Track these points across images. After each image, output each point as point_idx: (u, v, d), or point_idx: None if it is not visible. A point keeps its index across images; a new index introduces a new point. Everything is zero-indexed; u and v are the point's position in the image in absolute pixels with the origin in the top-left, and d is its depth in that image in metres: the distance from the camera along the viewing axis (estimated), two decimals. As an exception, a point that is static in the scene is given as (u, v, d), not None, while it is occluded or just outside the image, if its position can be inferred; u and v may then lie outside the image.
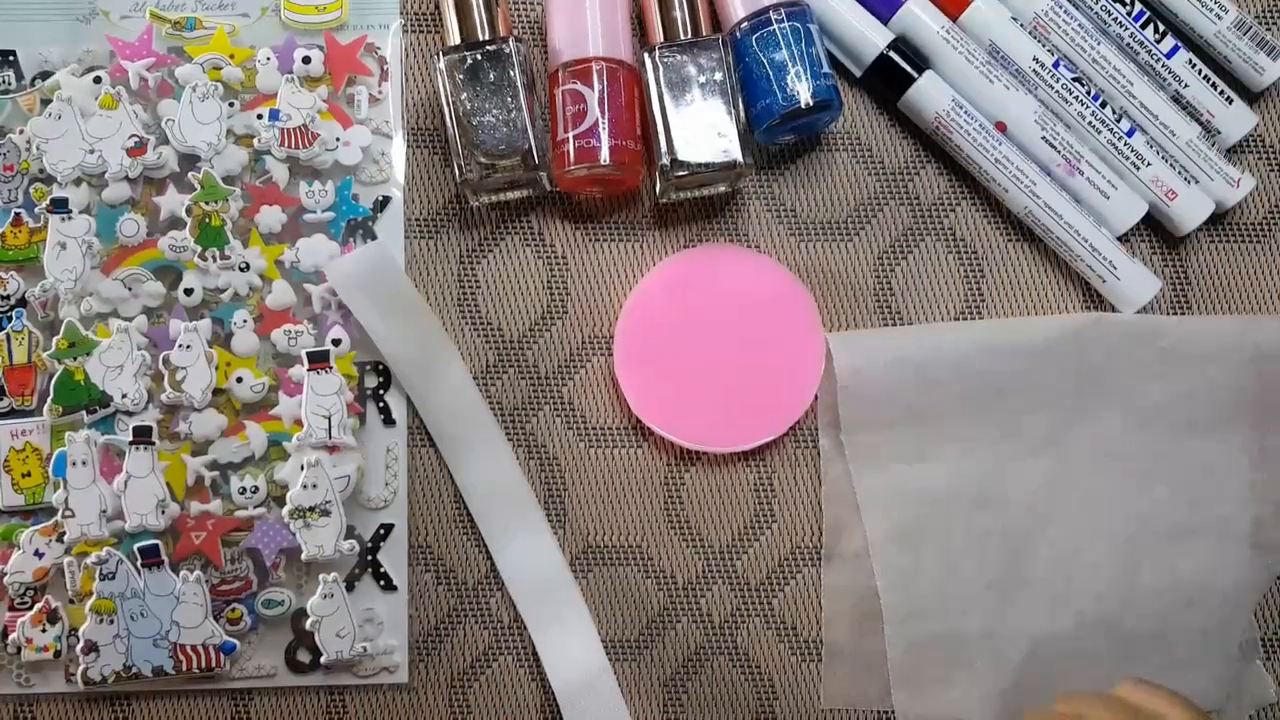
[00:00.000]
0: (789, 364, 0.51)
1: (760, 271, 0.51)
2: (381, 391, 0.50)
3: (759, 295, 0.51)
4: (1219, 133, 0.52)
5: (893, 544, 0.50)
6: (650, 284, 0.51)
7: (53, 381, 0.48)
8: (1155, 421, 0.51)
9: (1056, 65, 0.51)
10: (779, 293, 0.51)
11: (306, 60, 0.51)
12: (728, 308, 0.51)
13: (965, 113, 0.51)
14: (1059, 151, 0.51)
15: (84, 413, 0.48)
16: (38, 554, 0.48)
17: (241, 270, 0.50)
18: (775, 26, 0.49)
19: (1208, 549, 0.51)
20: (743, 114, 0.49)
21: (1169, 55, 0.52)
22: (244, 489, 0.49)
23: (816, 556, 0.51)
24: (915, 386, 0.50)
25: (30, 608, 0.48)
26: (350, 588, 0.49)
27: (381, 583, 0.50)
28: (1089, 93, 0.51)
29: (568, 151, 0.49)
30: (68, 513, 0.48)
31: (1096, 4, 0.52)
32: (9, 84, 0.51)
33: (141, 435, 0.48)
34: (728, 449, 0.51)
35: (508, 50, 0.49)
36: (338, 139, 0.51)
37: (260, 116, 0.50)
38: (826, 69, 0.50)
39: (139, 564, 0.48)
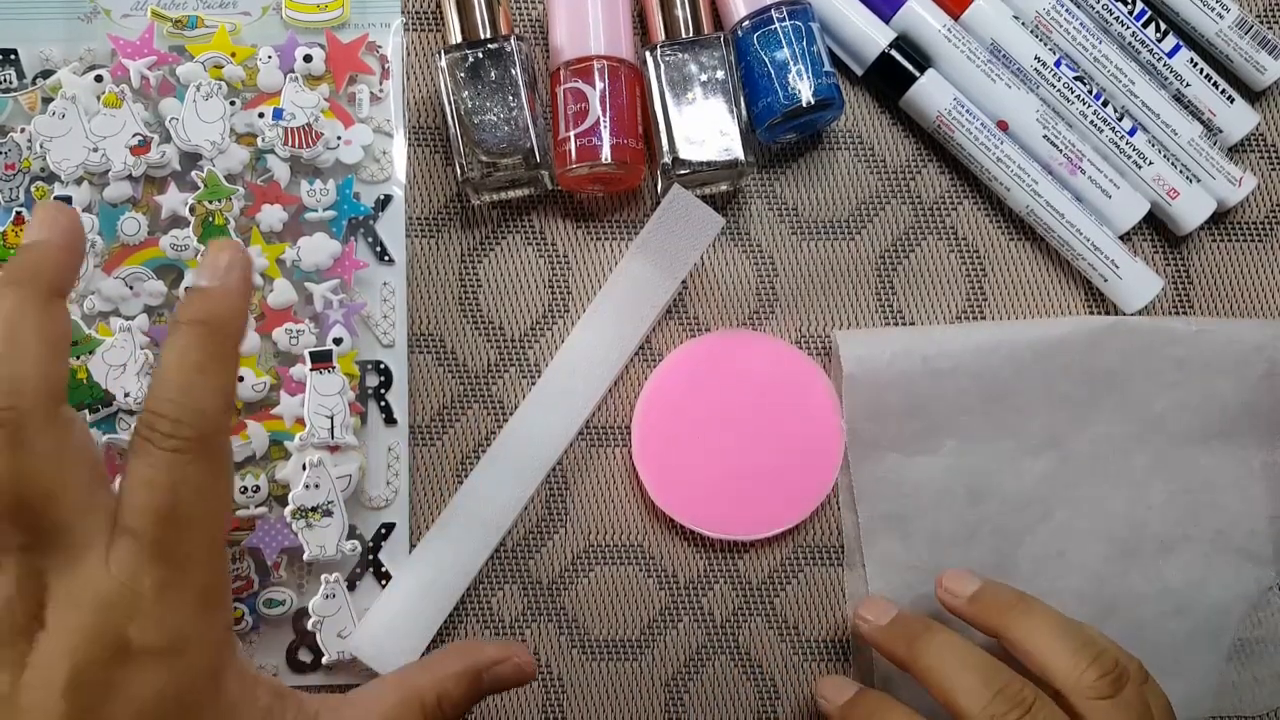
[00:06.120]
0: (809, 447, 0.50)
1: (774, 354, 0.51)
2: (383, 391, 0.50)
3: (774, 379, 0.51)
4: (1221, 132, 0.52)
5: (882, 531, 0.50)
6: (665, 374, 0.51)
7: (54, 380, 0.48)
8: (1161, 429, 0.51)
9: (1058, 64, 0.51)
10: (795, 376, 0.51)
11: (308, 59, 0.51)
12: (744, 393, 0.50)
13: (967, 111, 0.51)
14: (1061, 150, 0.51)
15: (86, 412, 0.48)
16: (39, 553, 0.48)
17: (243, 269, 0.49)
18: (777, 25, 0.49)
19: (1200, 559, 0.51)
20: (744, 112, 0.49)
21: (1170, 54, 0.52)
22: (245, 488, 0.49)
23: (818, 556, 0.51)
24: (920, 378, 0.50)
25: (31, 607, 0.48)
26: (352, 588, 0.49)
27: (383, 583, 0.49)
28: (1091, 91, 0.51)
29: (569, 150, 0.49)
30: (69, 512, 0.48)
31: (1098, 3, 0.52)
32: (10, 83, 0.51)
33: (143, 434, 0.48)
34: (751, 537, 0.50)
35: (509, 49, 0.49)
36: (339, 137, 0.51)
37: (261, 115, 0.50)
38: (828, 67, 0.50)
39: (140, 563, 0.48)
